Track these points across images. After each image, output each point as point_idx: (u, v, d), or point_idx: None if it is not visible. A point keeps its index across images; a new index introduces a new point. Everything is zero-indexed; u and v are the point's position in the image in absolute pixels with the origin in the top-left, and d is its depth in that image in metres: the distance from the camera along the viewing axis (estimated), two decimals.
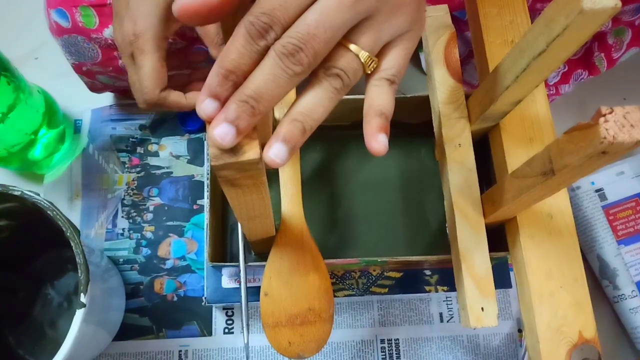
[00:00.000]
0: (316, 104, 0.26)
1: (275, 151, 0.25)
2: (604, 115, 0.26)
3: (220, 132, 0.24)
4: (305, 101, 0.26)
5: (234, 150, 0.25)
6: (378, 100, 0.28)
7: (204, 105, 0.24)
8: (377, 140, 0.28)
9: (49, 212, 0.45)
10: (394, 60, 0.28)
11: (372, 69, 0.28)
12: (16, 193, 0.45)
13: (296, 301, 0.42)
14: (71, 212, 0.63)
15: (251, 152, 0.26)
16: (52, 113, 0.62)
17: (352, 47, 0.26)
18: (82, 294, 0.43)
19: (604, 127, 0.26)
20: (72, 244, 0.44)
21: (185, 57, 0.54)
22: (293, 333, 0.41)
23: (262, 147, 0.26)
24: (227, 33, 0.27)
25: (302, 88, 0.27)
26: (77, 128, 0.67)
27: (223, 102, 0.25)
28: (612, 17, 0.55)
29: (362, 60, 0.26)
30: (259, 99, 0.24)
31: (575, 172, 0.30)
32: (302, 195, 0.46)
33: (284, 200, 0.46)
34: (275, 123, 0.45)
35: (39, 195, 0.45)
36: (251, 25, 0.24)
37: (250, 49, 0.24)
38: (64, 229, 0.44)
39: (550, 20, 0.31)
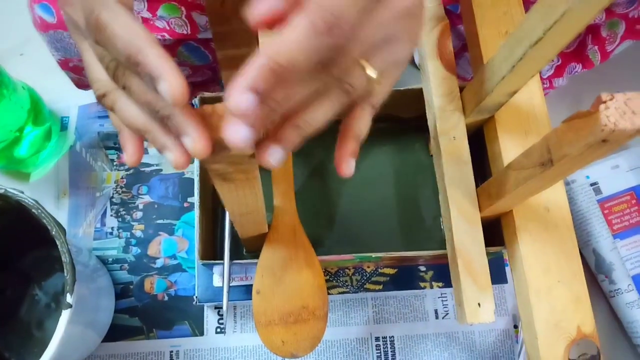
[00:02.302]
0: (321, 114, 0.25)
1: (274, 155, 0.25)
2: (605, 102, 0.26)
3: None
4: (311, 109, 0.25)
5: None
6: (359, 124, 0.28)
7: (243, 97, 0.21)
8: (347, 164, 0.28)
9: (33, 210, 0.44)
10: (384, 87, 0.28)
11: (369, 91, 0.27)
12: None
13: (289, 299, 0.41)
14: (58, 210, 0.62)
15: None
16: (37, 110, 0.61)
17: (368, 67, 0.25)
18: (68, 294, 0.42)
19: (605, 114, 0.26)
20: (58, 242, 0.43)
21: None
22: (286, 331, 0.41)
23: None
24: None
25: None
26: (63, 125, 0.65)
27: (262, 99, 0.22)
28: (606, 8, 0.55)
29: (371, 81, 0.26)
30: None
31: (574, 162, 0.29)
32: (294, 190, 0.45)
33: (276, 196, 0.45)
34: None
35: (22, 193, 0.44)
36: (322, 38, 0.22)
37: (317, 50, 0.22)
38: (49, 228, 0.43)
39: (549, 7, 0.30)
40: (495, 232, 0.44)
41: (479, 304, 0.39)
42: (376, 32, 0.24)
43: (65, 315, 0.42)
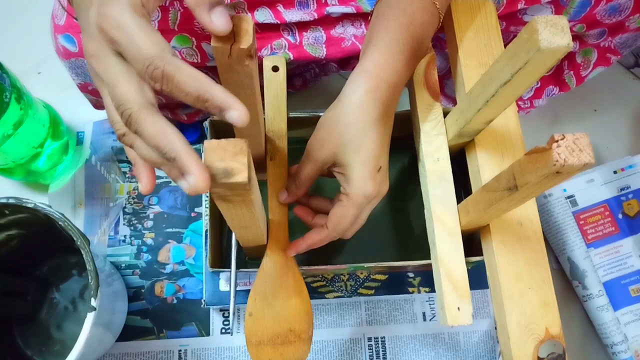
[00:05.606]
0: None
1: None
2: (557, 141, 0.31)
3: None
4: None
5: (226, 172, 0.29)
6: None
7: (303, 247, 0.47)
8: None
9: (60, 222, 0.48)
10: None
11: None
12: (29, 205, 0.49)
13: (278, 322, 0.45)
14: (75, 220, 0.67)
15: (239, 175, 0.29)
16: (55, 125, 0.65)
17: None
18: (92, 298, 0.47)
19: (557, 151, 0.30)
20: (83, 252, 0.47)
21: None
22: (274, 352, 0.45)
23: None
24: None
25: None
26: (79, 140, 0.70)
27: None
28: (579, 39, 0.60)
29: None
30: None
31: (534, 188, 0.34)
32: (288, 218, 0.49)
33: (271, 209, 0.48)
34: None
35: (50, 207, 0.49)
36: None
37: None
38: (75, 238, 0.48)
39: (513, 55, 0.35)
40: (476, 243, 0.49)
41: (458, 308, 0.44)
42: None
43: (90, 317, 0.46)
